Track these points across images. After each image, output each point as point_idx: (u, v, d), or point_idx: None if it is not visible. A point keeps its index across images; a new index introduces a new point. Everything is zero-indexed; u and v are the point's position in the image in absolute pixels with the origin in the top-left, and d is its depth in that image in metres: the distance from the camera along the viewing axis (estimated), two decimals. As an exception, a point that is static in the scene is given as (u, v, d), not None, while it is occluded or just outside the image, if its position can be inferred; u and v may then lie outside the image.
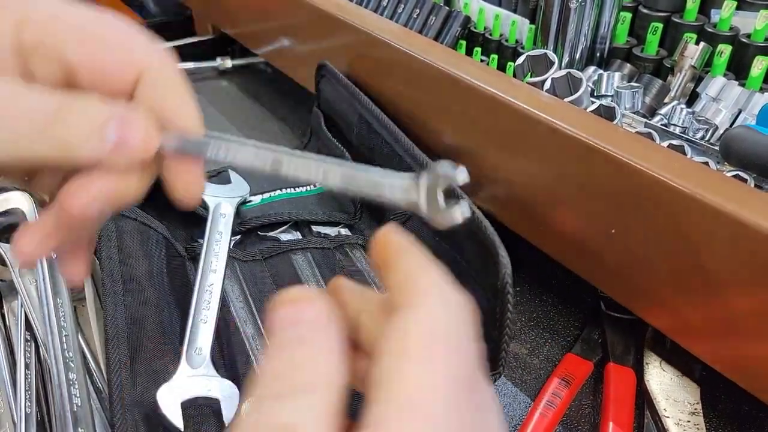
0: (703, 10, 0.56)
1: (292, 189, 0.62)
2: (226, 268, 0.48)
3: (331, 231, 0.56)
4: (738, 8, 0.52)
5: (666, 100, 0.53)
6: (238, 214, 0.56)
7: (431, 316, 0.18)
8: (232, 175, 0.61)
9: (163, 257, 0.48)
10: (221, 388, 0.40)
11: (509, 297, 0.36)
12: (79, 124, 0.22)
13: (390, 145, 0.50)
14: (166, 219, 0.53)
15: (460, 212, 0.22)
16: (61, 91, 0.23)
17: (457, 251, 0.43)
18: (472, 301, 0.41)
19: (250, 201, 0.58)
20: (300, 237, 0.56)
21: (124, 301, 0.41)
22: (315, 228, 0.57)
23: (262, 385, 0.18)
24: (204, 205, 0.55)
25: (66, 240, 0.25)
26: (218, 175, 0.61)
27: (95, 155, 0.22)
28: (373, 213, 0.57)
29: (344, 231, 0.57)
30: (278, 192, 0.60)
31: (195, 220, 0.54)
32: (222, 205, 0.55)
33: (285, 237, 0.56)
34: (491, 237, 0.37)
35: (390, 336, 0.18)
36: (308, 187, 0.62)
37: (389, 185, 0.23)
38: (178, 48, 0.90)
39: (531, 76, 0.48)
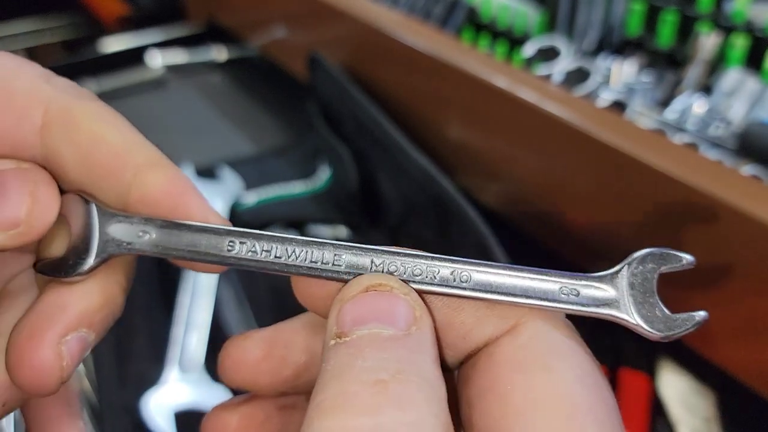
0: (718, 0, 0.54)
1: (290, 187, 0.60)
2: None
3: (329, 231, 0.55)
4: (753, -1, 0.51)
5: (679, 93, 0.52)
6: (233, 215, 0.54)
7: (569, 387, 0.15)
8: (225, 171, 0.59)
9: (155, 259, 0.46)
10: (214, 394, 0.38)
11: None
12: None
13: (382, 142, 0.49)
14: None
15: (698, 318, 0.16)
16: None
17: (457, 249, 0.41)
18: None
19: (245, 202, 0.56)
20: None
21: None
22: (314, 227, 0.55)
23: (349, 390, 0.14)
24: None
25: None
26: (210, 170, 0.60)
27: None
28: (373, 212, 0.56)
29: (343, 230, 0.55)
30: (276, 192, 0.58)
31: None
32: (212, 202, 0.53)
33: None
34: (487, 239, 0.36)
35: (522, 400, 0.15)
36: (307, 185, 0.60)
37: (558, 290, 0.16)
38: (169, 39, 0.87)
39: (540, 68, 0.46)
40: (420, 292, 0.17)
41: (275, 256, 0.18)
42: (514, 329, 0.16)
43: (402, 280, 0.17)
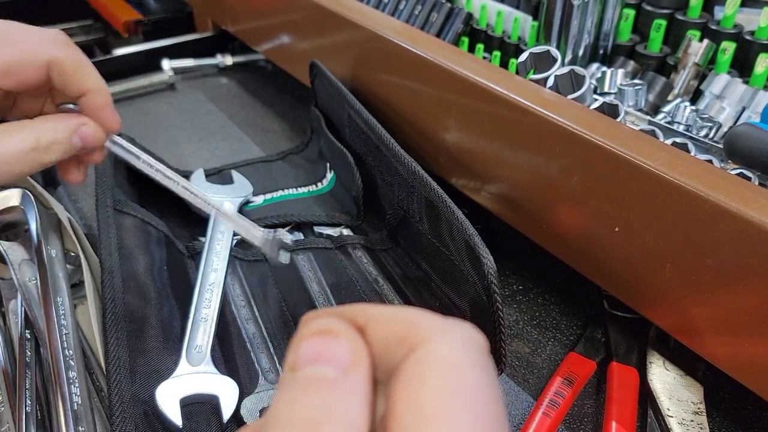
0: (707, 7, 0.55)
1: (295, 190, 0.61)
2: (227, 267, 0.48)
3: (333, 231, 0.56)
4: (742, 5, 0.52)
5: (669, 97, 0.53)
6: (240, 214, 0.56)
7: (445, 356, 0.17)
8: (235, 175, 0.60)
9: (164, 255, 0.48)
10: (221, 386, 0.40)
11: (497, 296, 0.36)
12: (57, 148, 0.35)
13: (377, 146, 0.50)
14: (167, 217, 0.53)
15: (285, 260, 0.40)
16: (30, 125, 0.35)
17: (450, 249, 0.43)
18: (467, 296, 0.41)
19: (252, 201, 0.58)
20: (302, 237, 0.56)
21: (124, 299, 0.41)
22: (317, 228, 0.57)
23: (288, 422, 0.16)
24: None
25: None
26: (220, 174, 0.61)
27: (71, 154, 0.37)
28: (374, 214, 0.57)
29: (346, 231, 0.57)
30: (281, 193, 0.60)
31: (196, 218, 0.54)
32: (224, 204, 0.54)
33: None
34: (473, 238, 0.37)
35: (405, 386, 0.17)
36: (311, 188, 0.62)
37: (253, 236, 0.40)
38: (178, 45, 0.89)
39: (534, 73, 0.48)
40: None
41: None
42: (418, 348, 0.18)
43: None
